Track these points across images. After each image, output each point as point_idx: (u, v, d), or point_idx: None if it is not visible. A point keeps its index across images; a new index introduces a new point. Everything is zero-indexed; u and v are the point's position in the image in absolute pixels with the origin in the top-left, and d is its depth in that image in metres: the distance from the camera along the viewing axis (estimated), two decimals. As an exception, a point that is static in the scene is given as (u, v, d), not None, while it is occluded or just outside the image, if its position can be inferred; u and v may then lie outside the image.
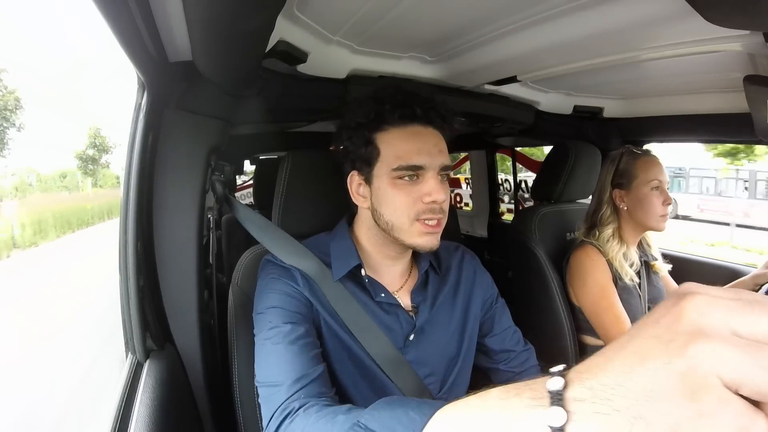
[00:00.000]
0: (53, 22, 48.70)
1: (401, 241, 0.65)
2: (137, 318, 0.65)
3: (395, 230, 0.65)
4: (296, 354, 0.59)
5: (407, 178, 0.64)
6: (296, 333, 0.61)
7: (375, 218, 0.67)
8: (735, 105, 1.07)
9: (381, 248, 0.71)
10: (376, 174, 0.66)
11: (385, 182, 0.65)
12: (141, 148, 0.66)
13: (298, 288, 0.66)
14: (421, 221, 0.64)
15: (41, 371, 3.32)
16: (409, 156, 0.63)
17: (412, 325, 0.70)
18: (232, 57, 0.61)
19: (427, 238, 0.65)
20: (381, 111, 0.65)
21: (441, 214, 0.65)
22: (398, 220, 0.64)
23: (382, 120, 0.65)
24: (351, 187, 0.70)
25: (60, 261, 8.65)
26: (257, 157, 2.43)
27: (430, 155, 0.64)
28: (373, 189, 0.67)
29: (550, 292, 1.10)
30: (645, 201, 1.03)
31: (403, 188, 0.64)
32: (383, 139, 0.65)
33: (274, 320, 0.62)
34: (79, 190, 24.19)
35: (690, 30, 0.67)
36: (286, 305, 0.64)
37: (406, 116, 0.65)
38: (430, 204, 0.63)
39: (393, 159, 0.64)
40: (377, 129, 0.66)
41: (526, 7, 0.67)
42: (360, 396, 0.67)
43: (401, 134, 0.65)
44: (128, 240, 0.65)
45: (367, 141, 0.66)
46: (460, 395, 0.78)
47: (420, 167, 0.63)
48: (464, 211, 2.84)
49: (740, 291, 0.22)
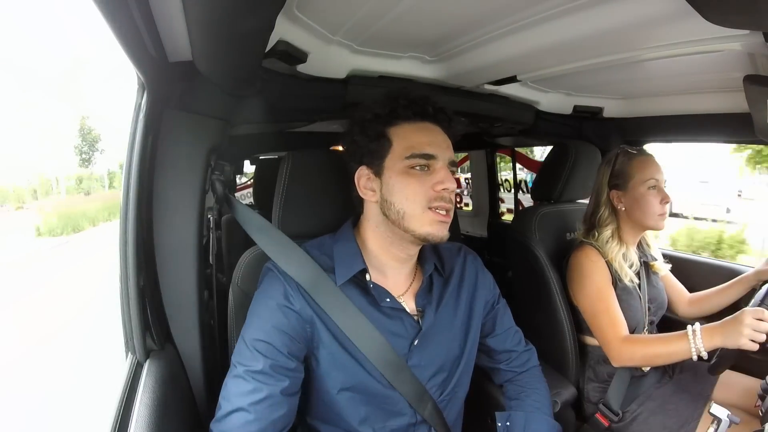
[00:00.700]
0: (53, 22, 48.60)
1: (411, 230, 0.66)
2: (137, 318, 0.65)
3: (406, 218, 0.66)
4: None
5: (419, 168, 0.66)
6: (268, 390, 0.61)
7: (384, 210, 0.68)
8: (735, 105, 1.07)
9: (389, 248, 0.71)
10: (388, 165, 0.68)
11: (397, 171, 0.67)
12: (141, 148, 0.66)
13: (292, 308, 0.65)
14: (432, 209, 0.66)
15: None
16: (422, 146, 0.67)
17: (417, 330, 0.70)
18: (232, 57, 0.61)
19: (438, 227, 0.66)
20: (395, 106, 0.68)
21: (450, 204, 0.67)
22: (410, 207, 0.66)
23: (396, 115, 0.69)
24: (359, 182, 0.71)
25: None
26: (257, 157, 2.43)
27: (440, 147, 0.68)
28: (383, 180, 0.68)
29: (549, 292, 1.10)
30: (642, 200, 1.03)
31: (416, 176, 0.66)
32: (396, 132, 0.69)
33: (255, 363, 0.62)
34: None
35: (690, 30, 0.67)
36: (274, 341, 0.63)
37: (419, 113, 0.69)
38: (441, 192, 0.65)
39: (406, 149, 0.67)
40: (390, 123, 0.69)
41: (526, 7, 0.68)
42: (353, 403, 0.67)
43: (413, 128, 0.69)
44: (128, 240, 0.65)
45: (380, 134, 0.69)
46: (462, 396, 0.79)
47: (432, 156, 0.66)
48: (464, 211, 2.84)
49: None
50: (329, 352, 0.66)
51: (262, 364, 0.61)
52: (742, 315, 0.81)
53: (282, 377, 0.62)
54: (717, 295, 1.13)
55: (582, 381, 1.10)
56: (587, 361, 1.10)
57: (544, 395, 0.82)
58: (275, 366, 0.62)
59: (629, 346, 0.94)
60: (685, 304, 1.19)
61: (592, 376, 1.08)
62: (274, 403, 0.61)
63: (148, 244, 0.72)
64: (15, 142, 30.84)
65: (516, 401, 0.80)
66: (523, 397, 0.80)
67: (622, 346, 0.95)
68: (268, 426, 0.60)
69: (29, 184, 23.66)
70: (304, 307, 0.66)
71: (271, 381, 0.61)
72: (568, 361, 1.08)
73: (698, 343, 0.84)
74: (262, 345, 0.62)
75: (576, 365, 1.09)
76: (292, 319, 0.65)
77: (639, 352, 0.93)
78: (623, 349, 0.94)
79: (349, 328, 0.66)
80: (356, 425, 0.67)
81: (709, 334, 0.84)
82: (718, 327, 0.84)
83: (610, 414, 1.02)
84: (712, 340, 0.83)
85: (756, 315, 0.79)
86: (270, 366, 0.61)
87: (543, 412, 0.78)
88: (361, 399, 0.68)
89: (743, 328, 0.79)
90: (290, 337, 0.64)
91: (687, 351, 0.85)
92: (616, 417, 1.02)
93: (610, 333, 0.97)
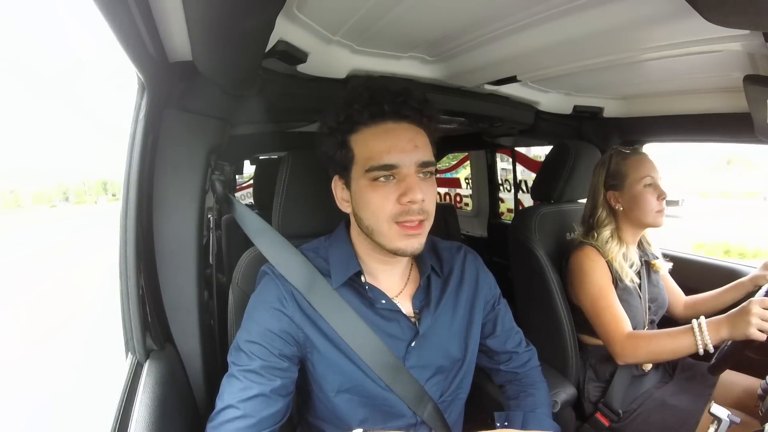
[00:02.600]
0: (53, 22, 48.62)
1: (382, 245, 0.63)
2: (137, 318, 0.65)
3: (375, 234, 0.63)
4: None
5: (383, 179, 0.61)
6: (258, 389, 0.61)
7: (358, 223, 0.66)
8: (735, 105, 1.07)
9: (372, 253, 0.69)
10: (353, 177, 0.64)
11: (361, 185, 0.62)
12: (141, 148, 0.66)
13: (285, 312, 0.65)
14: (399, 224, 0.61)
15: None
16: (380, 155, 0.60)
17: (414, 332, 0.70)
18: (232, 57, 0.61)
19: (407, 242, 0.61)
20: (350, 112, 0.62)
21: (422, 214, 0.61)
22: (376, 223, 0.62)
23: (353, 121, 0.63)
24: (335, 192, 0.69)
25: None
26: (257, 157, 2.43)
27: (403, 152, 0.60)
28: (352, 193, 0.65)
29: (549, 292, 1.10)
30: (639, 198, 1.03)
31: (379, 189, 0.61)
32: (356, 140, 0.63)
33: (248, 363, 0.61)
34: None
35: (690, 30, 0.67)
36: (266, 342, 0.63)
37: (377, 114, 0.62)
38: (407, 205, 0.60)
39: (366, 160, 0.61)
40: (350, 131, 0.63)
41: (526, 7, 0.67)
42: (352, 404, 0.67)
43: (373, 133, 0.62)
44: (128, 240, 0.65)
45: (341, 144, 0.64)
46: (464, 397, 0.78)
47: (393, 166, 0.60)
48: (464, 211, 2.84)
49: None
50: (324, 355, 0.66)
51: (254, 364, 0.61)
52: (749, 305, 0.80)
53: (273, 377, 0.62)
54: (713, 299, 1.14)
55: (582, 381, 1.10)
56: (587, 360, 1.10)
57: (544, 395, 0.82)
58: (267, 367, 0.62)
59: (633, 343, 0.93)
60: (681, 307, 1.19)
61: (593, 376, 1.08)
62: (265, 401, 0.60)
63: (148, 245, 0.72)
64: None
65: (515, 401, 0.80)
66: (522, 397, 0.80)
67: (626, 342, 0.94)
68: (256, 423, 0.59)
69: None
70: (298, 311, 0.65)
71: (262, 380, 0.61)
72: (568, 360, 1.08)
73: (705, 336, 0.83)
74: (254, 347, 0.62)
75: (576, 365, 1.09)
76: (284, 322, 0.65)
77: (643, 348, 0.92)
78: (627, 346, 0.94)
79: (345, 331, 0.65)
80: (356, 426, 0.67)
81: (715, 327, 0.83)
82: (724, 319, 0.84)
83: (611, 413, 1.02)
84: (719, 333, 0.83)
85: (763, 304, 0.79)
86: (261, 366, 0.61)
87: (542, 412, 0.78)
88: (360, 401, 0.67)
89: (751, 317, 0.79)
90: (282, 339, 0.64)
91: (692, 345, 0.85)
92: (616, 416, 1.02)
93: (614, 330, 0.96)
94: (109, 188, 23.72)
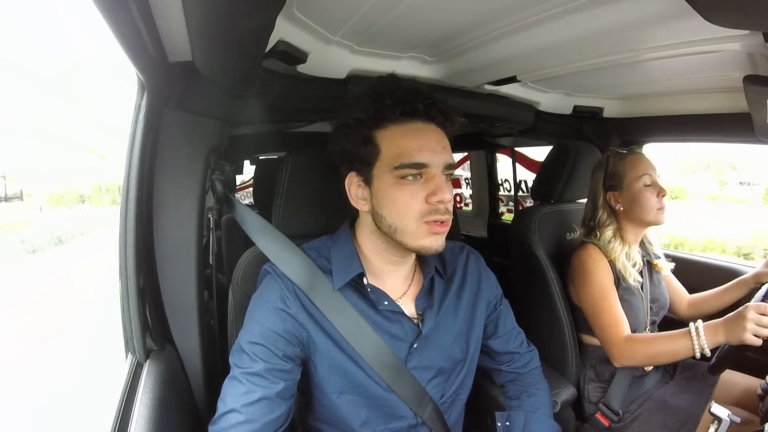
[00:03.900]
0: (53, 22, 48.71)
1: (405, 244, 0.63)
2: (137, 318, 0.65)
3: (398, 233, 0.62)
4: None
5: (410, 177, 0.61)
6: (262, 392, 0.60)
7: (376, 222, 0.65)
8: (735, 105, 1.07)
9: (383, 253, 0.68)
10: (377, 174, 0.62)
11: (386, 182, 0.61)
12: (141, 148, 0.66)
13: (289, 312, 0.64)
14: (429, 223, 0.61)
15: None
16: (412, 153, 0.60)
17: (417, 333, 0.69)
18: (231, 57, 0.61)
19: (433, 239, 0.62)
20: (381, 107, 0.61)
21: (447, 214, 0.62)
22: (402, 222, 0.61)
23: (382, 117, 0.62)
24: (349, 190, 0.67)
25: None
26: (257, 157, 2.43)
27: (433, 152, 0.61)
28: (373, 190, 0.63)
29: (550, 292, 1.10)
30: (639, 197, 1.03)
31: (407, 188, 0.60)
32: (383, 136, 0.62)
33: (251, 365, 0.61)
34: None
35: (690, 30, 0.67)
36: (269, 343, 0.62)
37: (407, 112, 0.61)
38: (435, 204, 0.60)
39: (394, 157, 0.60)
40: (377, 126, 0.62)
41: (526, 7, 0.67)
42: (354, 406, 0.67)
43: (402, 131, 0.62)
44: (128, 240, 0.65)
45: (366, 139, 0.62)
46: (464, 398, 0.78)
47: (424, 165, 0.60)
48: (464, 211, 2.84)
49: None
50: (327, 356, 0.66)
51: (258, 367, 0.61)
52: (745, 310, 0.81)
53: (277, 380, 0.61)
54: (715, 297, 1.14)
55: (582, 381, 1.10)
56: (587, 360, 1.10)
57: (545, 396, 0.82)
58: (270, 369, 0.61)
59: (631, 346, 0.94)
60: (684, 306, 1.19)
61: (593, 376, 1.08)
62: (268, 405, 0.60)
63: (148, 245, 0.72)
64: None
65: (516, 401, 0.80)
66: (523, 398, 0.80)
67: (623, 345, 0.94)
68: (259, 428, 0.59)
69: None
70: (301, 310, 0.65)
71: (265, 383, 0.60)
72: (568, 361, 1.08)
73: (701, 340, 0.84)
74: (258, 348, 0.62)
75: (576, 365, 1.09)
76: (288, 322, 0.64)
77: (641, 351, 0.93)
78: (625, 349, 0.94)
79: (347, 331, 0.65)
80: (357, 428, 0.67)
81: (712, 330, 0.84)
82: (721, 323, 0.84)
83: (611, 414, 1.02)
84: (716, 337, 0.83)
85: (759, 310, 0.79)
86: (265, 369, 0.61)
87: (543, 413, 0.78)
88: (362, 402, 0.67)
89: (746, 322, 0.79)
90: (286, 340, 0.63)
91: (689, 349, 0.85)
92: (616, 417, 1.02)
93: (612, 332, 0.96)
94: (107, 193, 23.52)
